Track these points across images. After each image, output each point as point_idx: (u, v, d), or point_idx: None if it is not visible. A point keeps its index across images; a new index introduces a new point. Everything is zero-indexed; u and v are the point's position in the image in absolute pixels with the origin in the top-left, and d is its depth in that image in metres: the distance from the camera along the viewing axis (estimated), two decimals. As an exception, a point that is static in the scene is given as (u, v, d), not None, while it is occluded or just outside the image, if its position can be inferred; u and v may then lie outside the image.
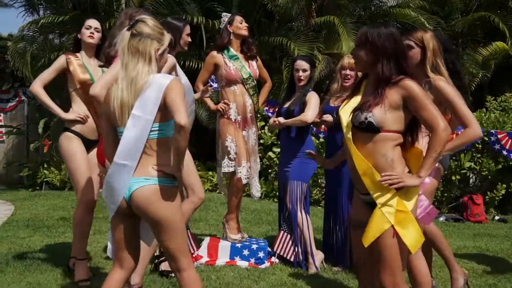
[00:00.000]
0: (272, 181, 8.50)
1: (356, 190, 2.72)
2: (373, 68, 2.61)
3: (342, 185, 4.60)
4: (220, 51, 4.72)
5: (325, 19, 8.98)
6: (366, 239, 2.51)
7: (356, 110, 2.58)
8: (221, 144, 4.68)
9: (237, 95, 4.70)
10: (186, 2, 9.37)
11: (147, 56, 2.55)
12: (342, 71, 4.64)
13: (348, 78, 4.60)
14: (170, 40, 2.69)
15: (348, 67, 4.61)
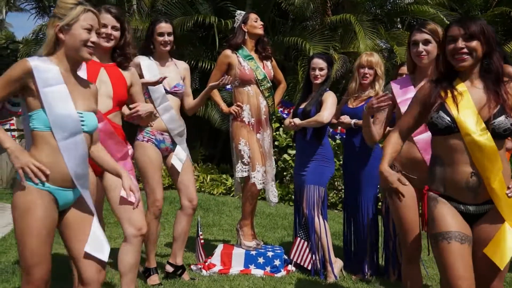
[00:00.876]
0: (287, 184, 8.31)
1: (441, 197, 2.46)
2: (476, 63, 2.43)
3: (362, 189, 4.41)
4: (234, 50, 4.53)
5: (341, 17, 8.77)
6: (503, 259, 2.32)
7: (496, 115, 2.36)
8: (235, 148, 4.50)
9: (250, 96, 4.51)
10: (199, 2, 9.22)
11: (46, 37, 2.46)
12: (360, 69, 4.44)
13: (367, 76, 4.41)
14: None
15: (367, 65, 4.41)
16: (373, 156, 4.39)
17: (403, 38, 9.26)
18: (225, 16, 8.91)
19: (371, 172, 4.38)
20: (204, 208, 7.45)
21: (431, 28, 3.11)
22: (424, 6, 9.42)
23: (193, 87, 9.26)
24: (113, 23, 3.19)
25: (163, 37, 4.05)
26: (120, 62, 3.26)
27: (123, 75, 3.25)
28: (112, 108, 3.16)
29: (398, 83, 3.26)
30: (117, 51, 3.26)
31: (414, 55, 3.14)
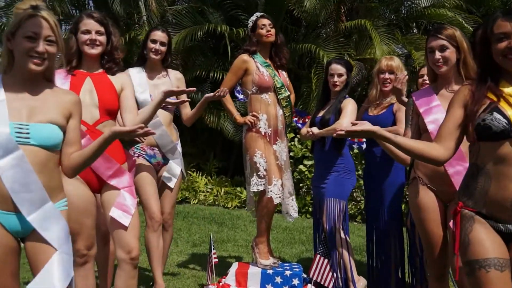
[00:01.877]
0: (304, 196, 8.05)
1: (477, 214, 2.14)
2: None
3: (385, 200, 4.15)
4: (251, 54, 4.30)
5: (356, 23, 8.53)
6: None
7: None
8: (249, 160, 4.24)
9: (268, 105, 4.26)
10: (209, 12, 9.05)
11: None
12: (380, 75, 4.20)
13: (388, 82, 4.17)
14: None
15: (387, 70, 4.17)
16: (395, 166, 4.13)
17: (420, 43, 8.98)
18: (236, 25, 8.73)
19: (393, 183, 4.12)
20: (218, 222, 7.22)
21: (448, 33, 2.92)
22: (441, 9, 9.15)
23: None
24: (97, 28, 2.98)
25: (155, 45, 3.93)
26: (109, 67, 3.04)
27: (111, 82, 3.03)
28: (100, 118, 2.95)
29: (419, 94, 3.08)
30: (105, 57, 3.04)
31: (431, 63, 2.95)
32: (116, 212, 2.86)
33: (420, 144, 2.28)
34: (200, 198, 8.71)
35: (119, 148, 3.00)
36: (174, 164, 4.07)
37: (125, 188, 2.94)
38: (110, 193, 2.93)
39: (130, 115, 3.01)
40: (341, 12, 9.20)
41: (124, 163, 3.02)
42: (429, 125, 2.88)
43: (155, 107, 3.06)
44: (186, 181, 8.84)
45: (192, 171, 9.19)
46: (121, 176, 2.94)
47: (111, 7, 9.07)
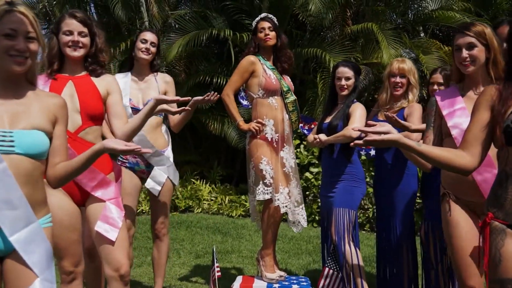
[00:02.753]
0: (310, 204, 7.85)
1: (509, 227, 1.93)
2: None
3: (396, 210, 3.96)
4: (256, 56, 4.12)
5: (362, 27, 8.35)
6: None
7: None
8: (255, 168, 4.04)
9: (275, 110, 4.07)
10: (213, 16, 8.89)
11: None
12: (391, 78, 4.02)
13: (399, 86, 3.98)
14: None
15: (398, 73, 3.99)
16: (407, 174, 3.94)
17: (428, 46, 8.82)
18: (240, 30, 8.57)
19: (405, 191, 3.93)
20: (222, 232, 7.02)
21: (477, 30, 2.69)
22: (449, 12, 8.96)
23: (208, 105, 8.86)
24: (80, 29, 2.78)
25: (145, 44, 3.80)
26: (93, 69, 2.85)
27: (94, 85, 2.83)
28: (82, 124, 2.75)
29: (443, 94, 2.84)
30: (89, 60, 2.85)
31: (458, 62, 2.73)
32: (102, 226, 2.67)
33: (446, 152, 2.07)
34: (204, 206, 8.52)
35: (104, 157, 2.81)
36: (158, 171, 3.87)
37: (111, 200, 2.75)
38: (95, 206, 2.74)
39: (119, 122, 2.82)
40: (347, 16, 9.03)
41: (110, 173, 2.83)
42: (452, 130, 2.67)
43: (146, 114, 2.84)
44: (190, 190, 8.66)
45: (195, 179, 9.01)
46: (106, 187, 2.76)
47: (112, 12, 8.92)
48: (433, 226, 3.70)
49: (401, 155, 3.92)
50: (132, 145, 2.14)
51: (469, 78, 2.77)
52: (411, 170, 3.95)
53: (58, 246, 2.63)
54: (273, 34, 4.11)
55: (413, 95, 4.00)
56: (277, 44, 4.14)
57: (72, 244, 2.70)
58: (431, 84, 4.03)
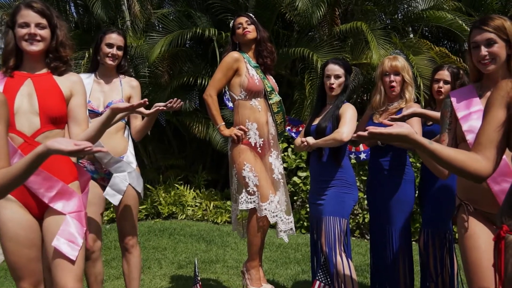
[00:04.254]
0: (298, 209, 7.59)
1: None
2: None
3: (392, 218, 3.71)
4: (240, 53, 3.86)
5: (351, 26, 8.11)
6: None
7: None
8: (237, 174, 3.78)
9: (258, 112, 3.82)
10: (196, 16, 8.61)
11: None
12: (384, 77, 3.78)
13: (393, 85, 3.73)
14: None
15: (391, 72, 3.74)
16: (404, 180, 3.70)
17: (419, 47, 8.60)
18: (225, 29, 8.27)
19: (402, 199, 3.69)
20: (207, 240, 6.73)
21: (496, 25, 2.42)
22: (440, 12, 8.76)
23: (193, 107, 8.62)
24: (37, 20, 2.50)
25: (111, 49, 3.52)
26: (55, 66, 2.56)
27: (57, 84, 2.54)
28: (40, 127, 2.46)
29: (459, 94, 2.56)
30: (50, 55, 2.56)
31: (476, 61, 2.45)
32: (59, 241, 2.37)
33: (460, 154, 1.81)
34: (188, 213, 8.23)
35: (67, 163, 2.53)
36: (118, 178, 3.56)
37: (73, 214, 2.46)
38: (52, 219, 2.45)
39: (77, 129, 2.54)
40: (335, 15, 8.79)
41: (73, 182, 2.54)
42: (467, 134, 2.39)
43: (102, 124, 2.55)
44: (173, 195, 8.37)
45: (179, 184, 8.72)
46: (68, 198, 2.47)
47: (91, 11, 8.61)
48: (432, 234, 3.47)
49: (399, 159, 3.67)
50: (82, 143, 1.86)
51: (488, 77, 2.53)
52: (408, 175, 3.71)
53: (14, 265, 2.34)
54: (252, 27, 3.88)
55: (409, 94, 3.76)
56: (257, 37, 3.90)
57: (30, 262, 2.41)
58: (435, 81, 3.79)
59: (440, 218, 3.60)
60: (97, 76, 3.64)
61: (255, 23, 3.92)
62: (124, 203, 3.61)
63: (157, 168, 9.47)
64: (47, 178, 2.40)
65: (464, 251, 2.42)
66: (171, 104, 3.19)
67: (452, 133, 2.54)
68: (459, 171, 1.80)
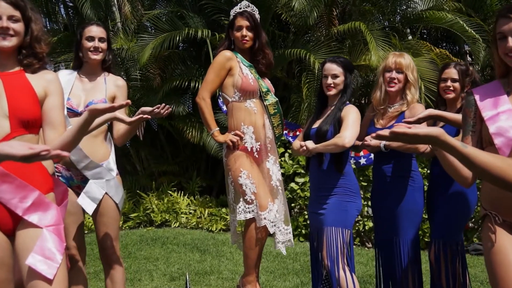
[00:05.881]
0: (296, 217, 7.35)
1: None
2: None
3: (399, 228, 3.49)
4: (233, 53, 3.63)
5: (349, 26, 7.90)
6: None
7: None
8: (234, 182, 3.54)
9: (254, 114, 3.59)
10: (189, 16, 8.38)
11: None
12: (385, 73, 3.57)
13: (394, 82, 3.51)
14: None
15: (394, 68, 3.53)
16: (412, 187, 3.46)
17: (418, 48, 8.41)
18: (219, 30, 8.09)
19: (410, 208, 3.45)
20: (201, 249, 6.48)
21: None
22: (440, 12, 8.57)
23: (186, 111, 8.38)
24: (10, 13, 2.24)
25: (92, 43, 3.27)
26: (28, 63, 2.30)
27: (29, 83, 2.28)
28: (10, 132, 2.18)
29: (483, 92, 2.28)
30: (23, 51, 2.30)
31: (503, 53, 2.17)
32: (35, 259, 2.10)
33: (499, 160, 1.58)
34: (182, 220, 7.99)
35: (41, 172, 2.27)
36: (94, 185, 3.26)
37: (50, 227, 2.19)
38: (27, 233, 2.18)
39: (52, 133, 2.27)
40: (332, 15, 8.58)
41: (49, 193, 2.28)
42: (496, 138, 2.13)
43: (79, 128, 2.25)
44: (166, 202, 8.13)
45: (173, 191, 8.48)
46: (44, 210, 2.20)
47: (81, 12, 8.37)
48: (443, 245, 3.24)
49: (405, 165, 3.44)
50: (38, 147, 1.62)
51: None
52: (416, 182, 3.48)
53: None
54: (251, 35, 3.64)
55: (411, 95, 3.52)
56: (254, 46, 3.67)
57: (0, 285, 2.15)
58: (443, 80, 3.57)
59: (451, 228, 3.37)
60: (80, 73, 3.39)
61: (257, 28, 3.67)
62: (102, 215, 3.32)
63: (149, 174, 9.24)
64: (21, 187, 2.15)
65: (491, 267, 2.17)
66: (158, 110, 2.93)
67: (477, 136, 2.27)
68: (496, 179, 1.57)
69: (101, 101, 3.27)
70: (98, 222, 3.34)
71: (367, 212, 7.06)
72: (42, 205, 2.20)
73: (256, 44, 3.68)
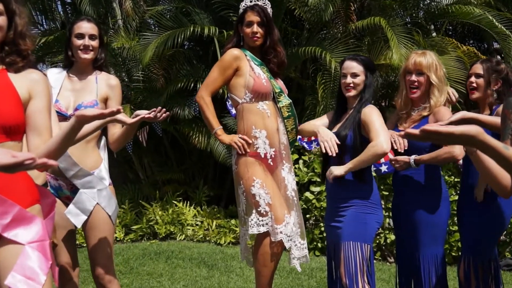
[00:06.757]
0: (311, 229, 7.29)
1: None
2: None
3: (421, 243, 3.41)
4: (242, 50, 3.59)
5: (368, 22, 7.83)
6: None
7: None
8: (245, 192, 3.49)
9: (267, 118, 3.54)
10: (195, 12, 8.37)
11: None
12: (406, 76, 3.51)
13: (415, 86, 3.45)
14: None
15: (414, 70, 3.47)
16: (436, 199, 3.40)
17: (444, 46, 8.32)
18: (227, 27, 8.05)
19: (433, 221, 3.40)
20: (208, 264, 6.44)
21: None
22: (467, 6, 8.48)
23: (192, 114, 8.35)
24: None
25: (82, 40, 3.25)
26: (11, 62, 2.23)
27: (12, 84, 2.21)
28: None
29: None
30: (5, 48, 2.23)
31: None
32: (15, 279, 2.05)
33: None
34: (188, 233, 7.96)
35: (24, 181, 2.22)
36: (85, 196, 3.20)
37: (34, 244, 2.14)
38: (7, 251, 2.11)
39: (37, 140, 2.20)
40: (350, 11, 8.53)
41: (33, 205, 2.23)
42: None
43: (66, 135, 2.18)
44: (171, 213, 8.10)
45: (178, 201, 8.45)
46: (26, 225, 2.15)
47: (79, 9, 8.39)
48: (474, 262, 3.17)
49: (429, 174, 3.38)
50: (21, 155, 1.58)
51: None
52: (440, 192, 3.42)
53: None
54: (262, 32, 3.59)
55: (435, 99, 3.44)
56: (265, 43, 3.63)
57: None
58: (468, 76, 3.51)
59: (483, 243, 3.31)
60: (70, 72, 3.37)
61: (269, 23, 3.63)
62: (93, 228, 3.26)
63: (153, 183, 9.22)
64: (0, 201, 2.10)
65: None
66: (155, 113, 2.88)
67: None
68: None
69: (91, 103, 3.23)
70: (89, 237, 3.27)
71: (389, 223, 6.98)
72: (25, 220, 2.15)
73: (267, 42, 3.64)
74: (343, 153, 3.42)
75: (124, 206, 8.25)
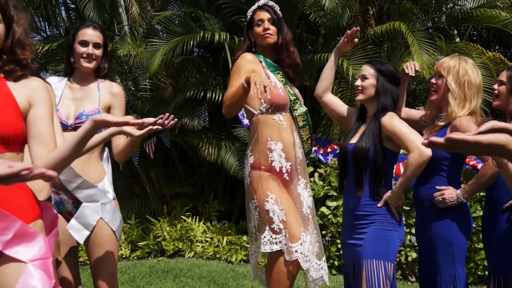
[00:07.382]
0: (327, 246, 7.25)
1: None
2: None
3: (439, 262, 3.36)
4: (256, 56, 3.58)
5: (388, 27, 7.82)
6: None
7: None
8: (258, 208, 3.46)
9: (283, 130, 3.52)
10: (205, 17, 8.40)
11: None
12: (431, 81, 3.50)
13: (434, 88, 3.43)
14: None
15: (436, 71, 3.46)
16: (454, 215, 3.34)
17: (468, 52, 8.28)
18: (238, 33, 8.07)
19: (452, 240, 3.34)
20: (218, 283, 6.42)
21: None
22: (493, 10, 8.45)
23: (201, 125, 8.36)
24: None
25: (85, 48, 3.24)
26: (9, 70, 2.21)
27: (10, 93, 2.19)
28: None
29: None
30: (4, 57, 2.21)
31: None
32: None
33: None
34: (197, 250, 7.96)
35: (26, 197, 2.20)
36: (87, 210, 3.17)
37: (36, 261, 2.11)
38: (8, 270, 2.09)
39: (41, 149, 2.17)
40: (368, 15, 8.53)
41: (35, 221, 2.20)
42: None
43: (79, 140, 2.16)
44: (180, 229, 8.10)
45: (187, 216, 8.45)
46: (29, 242, 2.12)
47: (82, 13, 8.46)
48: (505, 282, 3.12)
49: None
50: (17, 165, 1.56)
51: None
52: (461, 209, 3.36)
53: None
54: (274, 29, 3.59)
55: (452, 108, 3.33)
56: (278, 42, 3.61)
57: None
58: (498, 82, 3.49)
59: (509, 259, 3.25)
60: (71, 80, 3.36)
61: (279, 22, 3.63)
62: (97, 244, 3.24)
63: (161, 197, 9.24)
64: (1, 217, 2.09)
65: None
66: (162, 120, 2.81)
67: None
68: None
69: (93, 111, 3.22)
70: (92, 254, 3.25)
71: (410, 240, 6.92)
72: (27, 236, 2.13)
73: (279, 40, 3.62)
74: (364, 166, 3.38)
75: (130, 221, 8.26)
